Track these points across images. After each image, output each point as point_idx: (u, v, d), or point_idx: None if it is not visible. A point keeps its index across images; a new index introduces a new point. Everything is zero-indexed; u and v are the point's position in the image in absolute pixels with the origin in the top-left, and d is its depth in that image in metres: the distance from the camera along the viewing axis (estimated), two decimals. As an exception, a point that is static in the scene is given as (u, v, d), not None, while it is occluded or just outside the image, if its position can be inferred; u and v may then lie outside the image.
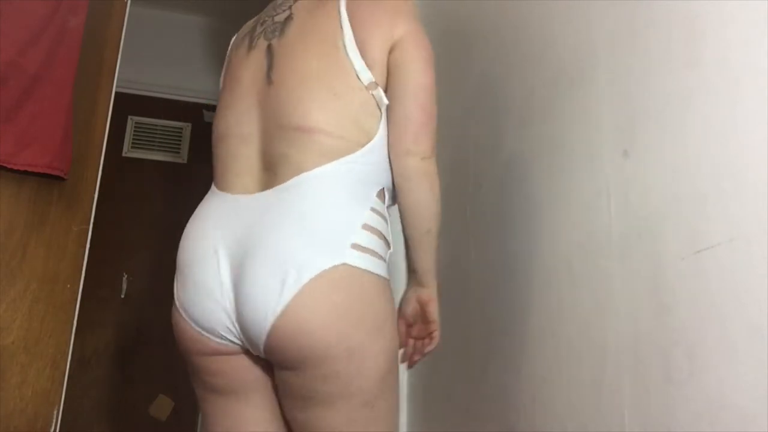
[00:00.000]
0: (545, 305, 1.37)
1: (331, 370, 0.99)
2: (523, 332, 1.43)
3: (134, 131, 3.37)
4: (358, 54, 1.09)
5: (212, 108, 2.44)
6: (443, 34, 2.00)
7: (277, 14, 1.20)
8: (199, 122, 3.45)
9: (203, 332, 1.06)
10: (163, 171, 3.37)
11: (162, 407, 3.07)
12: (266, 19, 1.22)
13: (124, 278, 3.16)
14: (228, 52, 1.30)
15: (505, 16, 1.69)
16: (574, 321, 1.26)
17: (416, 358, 1.22)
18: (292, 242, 0.99)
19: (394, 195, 1.14)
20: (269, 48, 1.16)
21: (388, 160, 1.10)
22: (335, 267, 0.98)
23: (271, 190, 1.05)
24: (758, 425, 0.83)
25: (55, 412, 1.64)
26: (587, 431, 1.18)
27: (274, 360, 1.04)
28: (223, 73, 1.28)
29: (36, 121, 1.65)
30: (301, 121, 1.06)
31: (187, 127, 3.44)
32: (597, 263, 1.21)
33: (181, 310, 1.09)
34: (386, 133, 1.10)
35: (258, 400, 1.11)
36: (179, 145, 3.43)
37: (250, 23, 1.28)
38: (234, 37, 1.31)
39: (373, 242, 1.04)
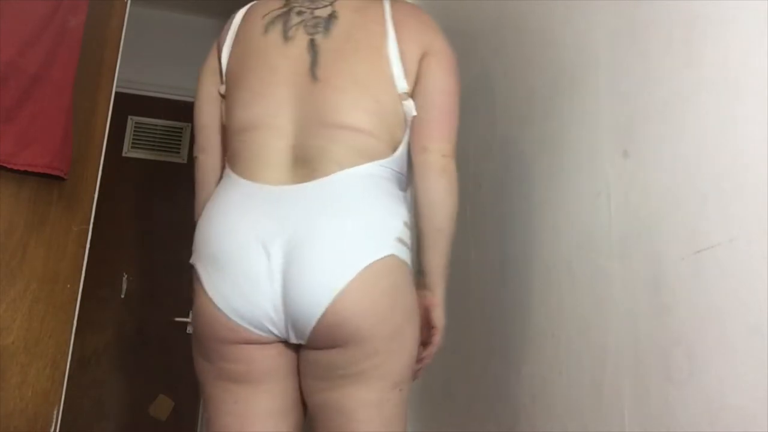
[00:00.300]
0: (545, 305, 1.37)
1: (373, 347, 1.05)
2: (523, 332, 1.43)
3: (134, 131, 3.37)
4: (400, 64, 1.16)
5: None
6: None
7: (317, 8, 1.20)
8: (199, 122, 3.45)
9: (242, 322, 1.06)
10: (163, 171, 3.37)
11: (162, 407, 3.07)
12: (303, 10, 1.21)
13: (124, 278, 3.16)
14: (235, 25, 1.25)
15: (505, 16, 1.69)
16: (574, 321, 1.26)
17: (417, 366, 1.16)
18: (346, 233, 1.06)
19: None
20: (312, 43, 1.17)
21: (406, 168, 1.17)
22: (384, 257, 1.06)
23: (311, 182, 1.09)
24: (758, 425, 0.83)
25: (55, 412, 1.64)
26: (587, 431, 1.18)
27: (318, 341, 1.06)
28: (229, 46, 1.24)
29: (36, 121, 1.65)
30: (347, 120, 1.12)
31: (187, 127, 3.43)
32: (597, 263, 1.21)
33: (216, 301, 1.07)
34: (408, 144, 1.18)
35: (275, 390, 1.12)
36: (179, 145, 3.43)
37: (279, 1, 1.23)
38: (245, 11, 1.27)
39: (408, 237, 1.12)
